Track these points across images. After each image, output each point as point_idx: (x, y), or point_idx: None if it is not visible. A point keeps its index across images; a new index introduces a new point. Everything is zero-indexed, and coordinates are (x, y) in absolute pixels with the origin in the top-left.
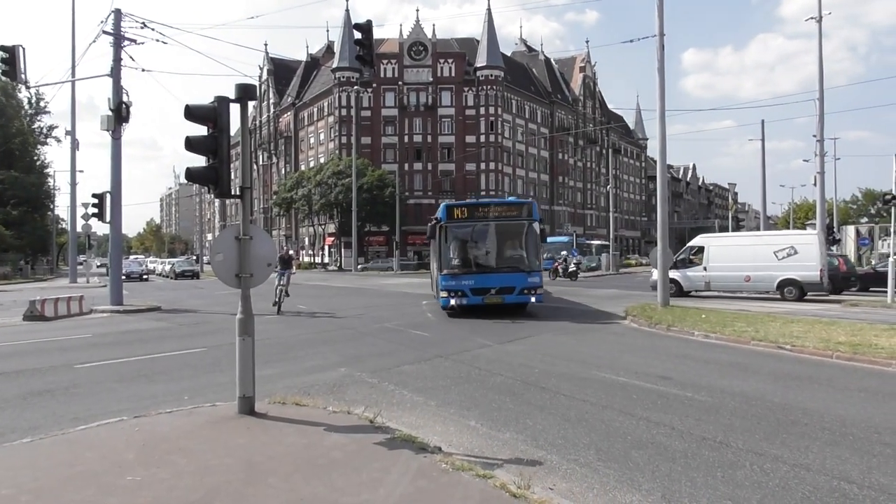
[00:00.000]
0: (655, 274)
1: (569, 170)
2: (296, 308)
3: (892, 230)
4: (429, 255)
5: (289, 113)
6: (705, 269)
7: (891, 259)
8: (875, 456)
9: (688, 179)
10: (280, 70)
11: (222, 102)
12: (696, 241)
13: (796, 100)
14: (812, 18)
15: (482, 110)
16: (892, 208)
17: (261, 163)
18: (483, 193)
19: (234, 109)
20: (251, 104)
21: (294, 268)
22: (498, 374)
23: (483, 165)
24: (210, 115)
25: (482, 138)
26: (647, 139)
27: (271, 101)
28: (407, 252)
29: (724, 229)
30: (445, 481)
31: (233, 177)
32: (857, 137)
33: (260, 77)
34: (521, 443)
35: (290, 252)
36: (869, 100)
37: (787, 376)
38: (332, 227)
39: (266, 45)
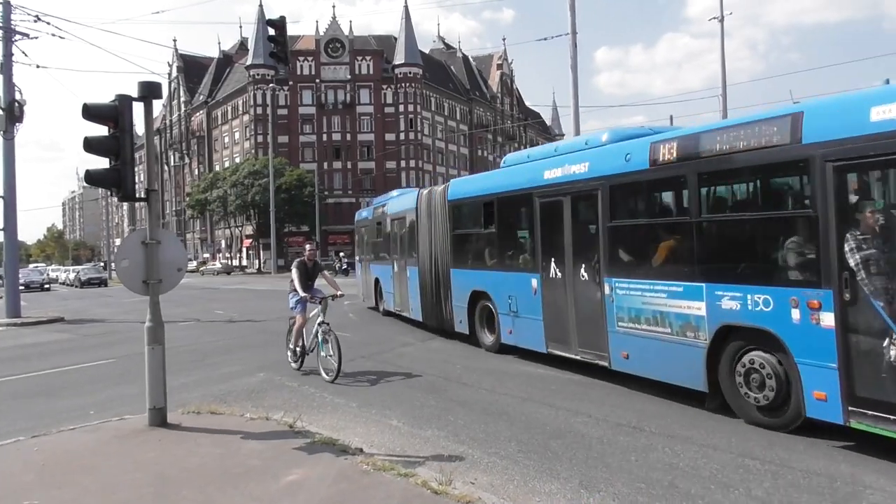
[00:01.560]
0: None
1: (489, 166)
2: (212, 313)
3: None
4: (350, 255)
5: (201, 111)
6: None
7: None
8: (777, 435)
9: None
10: (191, 67)
11: (124, 101)
12: None
13: (702, 96)
14: (715, 18)
15: (401, 108)
16: None
17: (172, 163)
18: None
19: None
20: (159, 102)
21: (338, 288)
22: (420, 373)
23: (403, 163)
24: (111, 114)
25: (402, 136)
26: (563, 135)
27: (182, 99)
28: (328, 252)
29: None
30: (367, 482)
31: (142, 178)
32: None
33: (169, 74)
34: (443, 439)
35: (317, 251)
36: (769, 96)
37: None
38: (249, 229)
39: (175, 41)
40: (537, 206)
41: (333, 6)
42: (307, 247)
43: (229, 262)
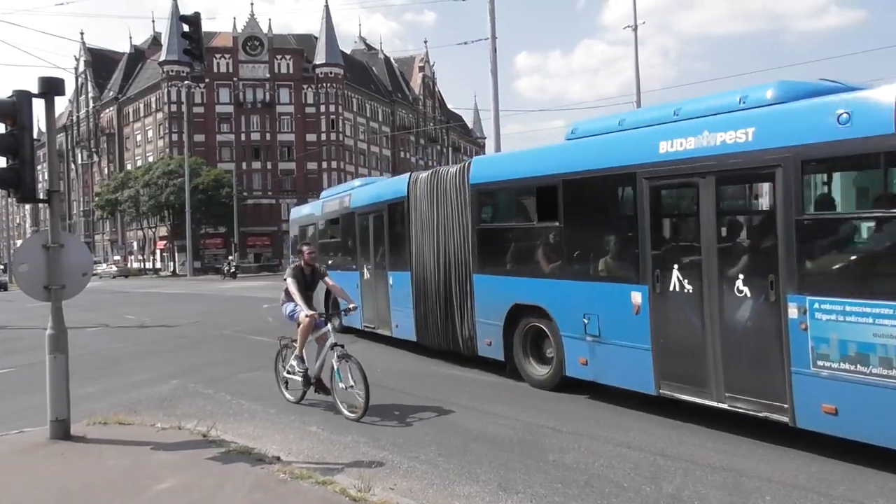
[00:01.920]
0: None
1: (411, 168)
2: (123, 318)
3: None
4: (270, 258)
5: (111, 108)
6: None
7: None
8: (684, 430)
9: None
10: (100, 62)
11: (23, 97)
12: None
13: (617, 102)
14: (629, 27)
15: (322, 108)
16: None
17: (80, 162)
18: None
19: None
20: (65, 99)
21: (349, 299)
22: None
23: (325, 164)
24: (8, 111)
25: (323, 136)
26: (485, 138)
27: (90, 94)
28: (247, 254)
29: None
30: (283, 492)
31: (44, 178)
32: None
33: (77, 69)
34: (362, 445)
35: (315, 255)
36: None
37: None
38: (164, 230)
39: (82, 34)
40: (645, 190)
41: (252, 3)
42: (304, 249)
43: (127, 265)
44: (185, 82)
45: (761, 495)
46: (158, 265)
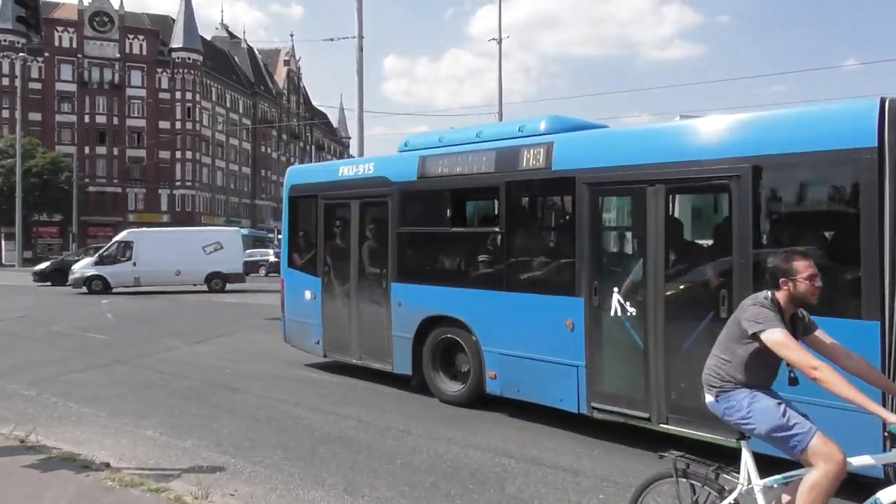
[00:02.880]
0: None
1: (272, 164)
2: None
3: None
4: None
5: None
6: (135, 264)
7: None
8: (529, 431)
9: None
10: None
11: None
12: (123, 236)
13: (480, 112)
14: (493, 40)
15: (178, 95)
16: None
17: None
18: (178, 183)
19: None
20: None
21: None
22: (184, 378)
23: (178, 154)
24: None
25: (178, 125)
26: (349, 138)
27: None
28: (87, 245)
29: None
30: (110, 501)
31: None
32: None
33: None
34: (203, 449)
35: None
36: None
37: None
38: None
39: None
40: None
41: None
42: (802, 265)
43: None
44: (21, 55)
45: (597, 493)
46: None
